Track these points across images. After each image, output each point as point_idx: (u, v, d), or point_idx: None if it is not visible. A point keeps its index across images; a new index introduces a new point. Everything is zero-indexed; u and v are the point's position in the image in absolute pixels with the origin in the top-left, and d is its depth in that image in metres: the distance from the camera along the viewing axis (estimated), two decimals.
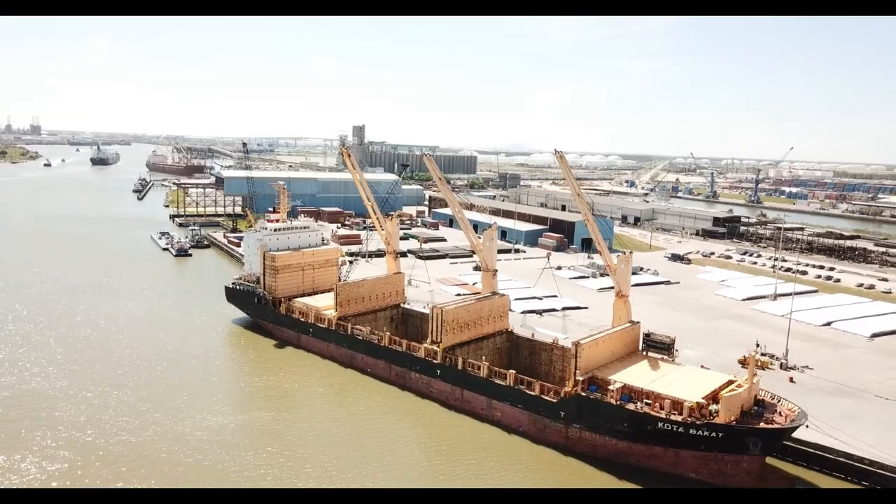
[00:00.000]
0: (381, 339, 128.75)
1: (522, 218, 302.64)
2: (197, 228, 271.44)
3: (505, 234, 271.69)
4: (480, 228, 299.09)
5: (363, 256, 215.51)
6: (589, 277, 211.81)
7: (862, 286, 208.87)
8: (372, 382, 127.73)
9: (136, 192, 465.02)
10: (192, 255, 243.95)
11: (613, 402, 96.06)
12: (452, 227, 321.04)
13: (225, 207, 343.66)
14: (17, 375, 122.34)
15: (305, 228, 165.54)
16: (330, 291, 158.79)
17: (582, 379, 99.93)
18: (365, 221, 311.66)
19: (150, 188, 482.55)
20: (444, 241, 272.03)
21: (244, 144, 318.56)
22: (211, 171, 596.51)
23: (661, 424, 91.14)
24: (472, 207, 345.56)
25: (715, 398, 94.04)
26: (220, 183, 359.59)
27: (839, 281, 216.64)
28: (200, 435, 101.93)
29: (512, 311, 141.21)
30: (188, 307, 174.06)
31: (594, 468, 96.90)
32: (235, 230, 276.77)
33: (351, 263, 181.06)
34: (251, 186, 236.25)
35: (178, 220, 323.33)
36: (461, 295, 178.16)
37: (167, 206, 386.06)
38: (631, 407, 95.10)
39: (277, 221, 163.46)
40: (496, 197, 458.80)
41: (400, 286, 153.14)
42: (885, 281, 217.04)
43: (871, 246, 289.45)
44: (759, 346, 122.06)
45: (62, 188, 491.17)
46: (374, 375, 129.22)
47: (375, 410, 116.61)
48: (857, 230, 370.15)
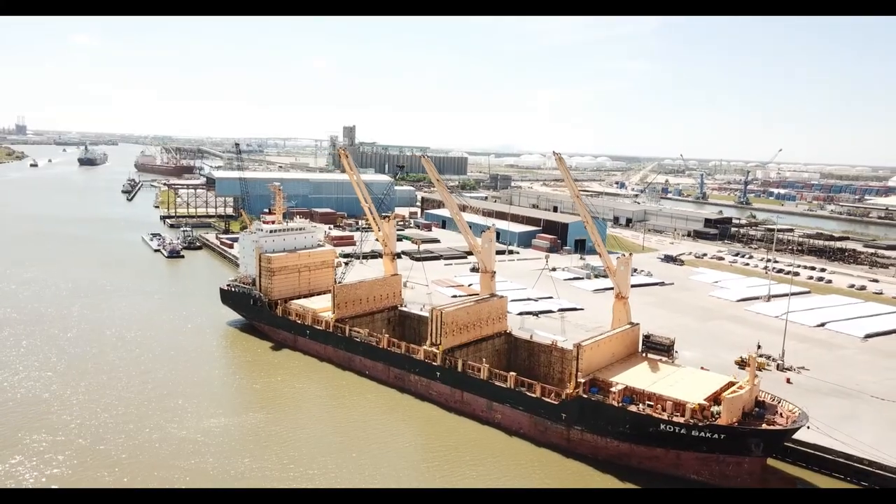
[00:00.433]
0: (379, 341, 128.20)
1: (515, 219, 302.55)
2: (189, 230, 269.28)
3: (498, 235, 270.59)
4: (474, 230, 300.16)
5: (357, 258, 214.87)
6: (583, 279, 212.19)
7: (853, 287, 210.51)
8: (370, 385, 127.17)
9: (125, 192, 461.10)
10: (184, 256, 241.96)
11: (615, 403, 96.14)
12: (445, 228, 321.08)
13: (216, 208, 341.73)
14: (11, 379, 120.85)
15: (301, 230, 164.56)
16: (326, 293, 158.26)
17: (583, 381, 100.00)
18: (358, 223, 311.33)
19: (139, 189, 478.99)
20: (437, 242, 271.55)
21: (236, 145, 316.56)
22: (200, 171, 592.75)
23: (663, 426, 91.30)
24: (465, 209, 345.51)
25: (716, 400, 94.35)
26: (210, 184, 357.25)
27: (831, 282, 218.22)
28: (200, 438, 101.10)
29: (508, 312, 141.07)
30: (182, 309, 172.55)
31: (595, 470, 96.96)
32: (228, 231, 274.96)
33: (346, 265, 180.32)
34: (244, 187, 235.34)
35: (169, 221, 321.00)
36: (457, 296, 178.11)
37: (157, 206, 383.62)
38: (633, 409, 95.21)
39: (273, 223, 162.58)
40: (488, 198, 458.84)
41: (397, 288, 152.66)
42: (875, 282, 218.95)
43: (860, 247, 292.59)
44: (759, 347, 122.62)
45: (50, 189, 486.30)
46: (372, 378, 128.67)
47: (375, 412, 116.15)
48: (845, 231, 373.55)
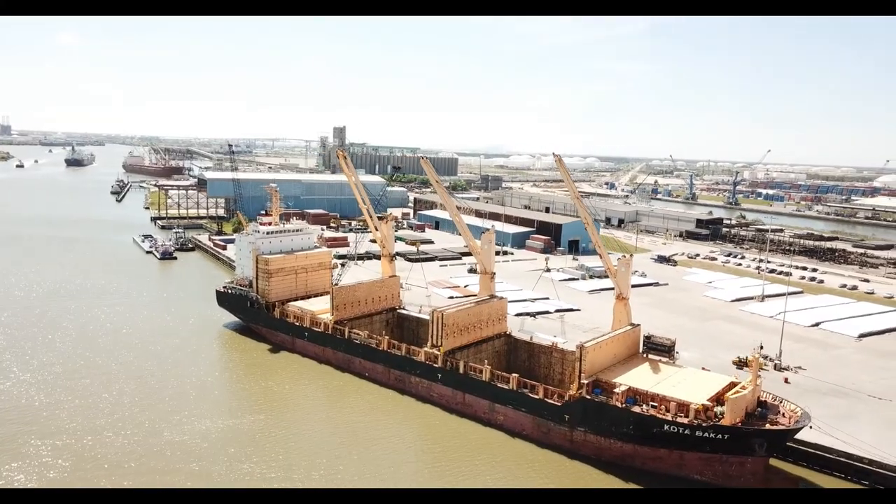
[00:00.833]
0: (379, 342, 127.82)
1: (509, 220, 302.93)
2: (181, 231, 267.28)
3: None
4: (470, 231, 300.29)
5: (352, 259, 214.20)
6: (578, 279, 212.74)
7: (845, 287, 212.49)
8: (370, 386, 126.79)
9: (114, 193, 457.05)
10: (176, 258, 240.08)
11: (619, 404, 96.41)
12: (438, 229, 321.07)
13: (208, 209, 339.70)
14: (4, 383, 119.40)
15: (298, 231, 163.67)
16: (323, 295, 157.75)
17: (586, 382, 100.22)
18: (351, 224, 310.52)
19: (128, 190, 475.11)
20: (431, 243, 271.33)
21: (230, 146, 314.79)
22: (190, 172, 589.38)
23: (667, 427, 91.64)
24: (458, 209, 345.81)
25: (719, 400, 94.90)
26: (202, 184, 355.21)
27: (822, 282, 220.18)
28: (200, 442, 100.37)
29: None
30: (177, 311, 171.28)
31: (599, 471, 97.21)
32: (221, 233, 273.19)
33: (342, 266, 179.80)
34: (238, 188, 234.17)
35: (160, 222, 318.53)
36: (454, 297, 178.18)
37: (147, 207, 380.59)
38: (637, 409, 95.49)
39: (270, 224, 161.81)
40: (480, 198, 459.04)
41: (396, 289, 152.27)
42: (866, 282, 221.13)
43: (849, 247, 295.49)
44: (762, 347, 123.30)
45: (38, 190, 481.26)
46: (372, 379, 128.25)
47: (376, 414, 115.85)
48: (833, 231, 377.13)
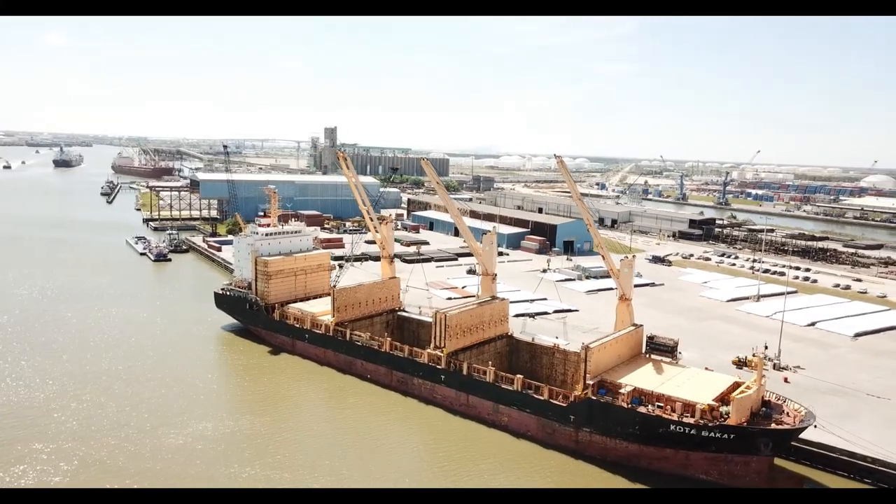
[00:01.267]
0: (381, 344, 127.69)
1: (503, 221, 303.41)
2: (174, 232, 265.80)
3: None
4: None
5: (348, 260, 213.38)
6: (575, 280, 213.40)
7: (838, 287, 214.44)
8: (373, 388, 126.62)
9: (104, 195, 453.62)
10: (171, 260, 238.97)
11: (625, 405, 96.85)
12: (433, 230, 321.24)
13: (201, 211, 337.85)
14: (5, 386, 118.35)
15: (297, 233, 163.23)
16: (322, 297, 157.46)
17: (592, 383, 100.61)
18: (345, 225, 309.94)
19: (118, 191, 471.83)
20: (426, 244, 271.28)
21: (224, 147, 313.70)
22: (180, 173, 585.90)
23: (673, 427, 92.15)
24: None
25: (724, 400, 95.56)
26: (194, 186, 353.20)
27: (816, 282, 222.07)
28: (202, 445, 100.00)
29: None
30: (174, 313, 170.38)
31: (604, 471, 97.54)
32: (215, 234, 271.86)
33: (340, 268, 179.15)
34: (233, 189, 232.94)
35: (152, 224, 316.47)
36: (452, 299, 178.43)
37: (139, 209, 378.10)
38: (642, 410, 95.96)
39: (268, 226, 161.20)
40: (472, 199, 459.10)
41: (396, 291, 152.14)
42: (859, 281, 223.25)
43: (840, 247, 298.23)
44: (766, 347, 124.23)
45: (27, 191, 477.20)
46: (374, 381, 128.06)
47: (379, 415, 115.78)
48: (823, 231, 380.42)
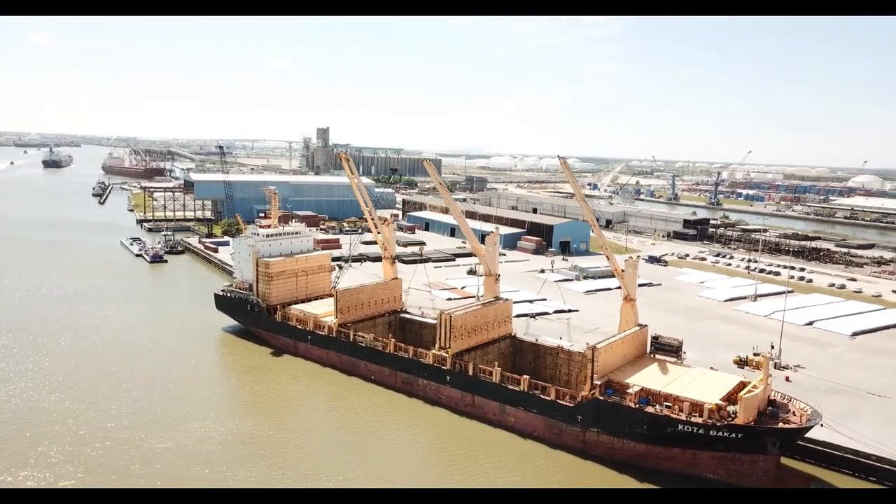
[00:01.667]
0: (385, 345, 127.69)
1: (499, 221, 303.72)
2: (170, 234, 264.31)
3: (484, 237, 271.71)
4: (459, 232, 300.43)
5: (346, 261, 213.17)
6: (573, 280, 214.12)
7: (834, 286, 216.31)
8: (377, 389, 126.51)
9: (96, 195, 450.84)
10: (167, 261, 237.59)
11: (632, 405, 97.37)
12: (428, 230, 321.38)
13: (195, 212, 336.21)
14: (7, 388, 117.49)
15: (297, 234, 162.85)
16: (323, 298, 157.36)
17: (599, 383, 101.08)
18: (343, 226, 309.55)
19: (110, 192, 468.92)
20: (423, 244, 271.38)
21: (220, 147, 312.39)
22: (171, 173, 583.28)
23: (681, 426, 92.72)
24: (447, 211, 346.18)
25: (730, 399, 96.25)
26: (188, 186, 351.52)
27: (811, 281, 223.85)
28: (207, 445, 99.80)
29: None
30: (174, 315, 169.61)
31: (612, 470, 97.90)
32: (211, 235, 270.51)
33: (340, 269, 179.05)
34: (230, 190, 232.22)
35: (146, 225, 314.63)
36: (451, 299, 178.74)
37: (132, 210, 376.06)
38: (650, 410, 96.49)
39: (269, 227, 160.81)
40: (466, 200, 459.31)
41: (398, 292, 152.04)
42: (853, 281, 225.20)
43: (832, 247, 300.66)
44: (773, 347, 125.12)
45: (17, 192, 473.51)
46: (378, 382, 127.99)
47: (384, 416, 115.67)
48: (814, 231, 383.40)
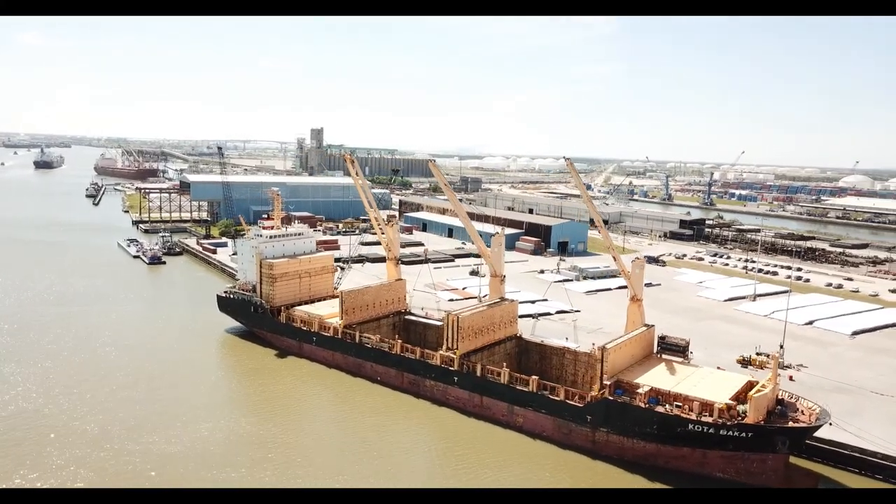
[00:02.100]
0: (392, 346, 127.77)
1: (496, 222, 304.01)
2: (167, 235, 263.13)
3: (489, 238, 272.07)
4: (459, 234, 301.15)
5: (345, 262, 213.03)
6: (573, 280, 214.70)
7: (831, 286, 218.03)
8: (384, 390, 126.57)
9: (89, 196, 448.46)
10: (165, 262, 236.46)
11: (642, 405, 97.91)
12: (426, 231, 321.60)
13: (191, 213, 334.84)
14: (12, 392, 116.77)
15: (300, 235, 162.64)
16: (326, 299, 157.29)
17: (609, 383, 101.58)
18: (339, 227, 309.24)
19: (103, 193, 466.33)
20: (421, 245, 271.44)
21: (219, 148, 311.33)
22: (165, 174, 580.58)
23: (691, 426, 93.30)
24: (444, 212, 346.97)
25: (739, 399, 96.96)
26: (185, 187, 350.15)
27: (809, 281, 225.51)
28: (213, 447, 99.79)
29: None
30: (175, 317, 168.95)
31: (622, 470, 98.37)
32: (209, 236, 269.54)
33: (342, 270, 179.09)
34: (228, 191, 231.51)
35: (142, 226, 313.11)
36: (453, 300, 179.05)
37: (126, 211, 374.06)
38: (660, 409, 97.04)
39: (272, 228, 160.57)
40: (462, 200, 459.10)
41: (402, 293, 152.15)
42: (850, 280, 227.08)
43: (827, 246, 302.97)
44: (781, 347, 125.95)
45: (9, 193, 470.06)
46: (384, 383, 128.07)
47: (391, 417, 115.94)
48: (808, 231, 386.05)
